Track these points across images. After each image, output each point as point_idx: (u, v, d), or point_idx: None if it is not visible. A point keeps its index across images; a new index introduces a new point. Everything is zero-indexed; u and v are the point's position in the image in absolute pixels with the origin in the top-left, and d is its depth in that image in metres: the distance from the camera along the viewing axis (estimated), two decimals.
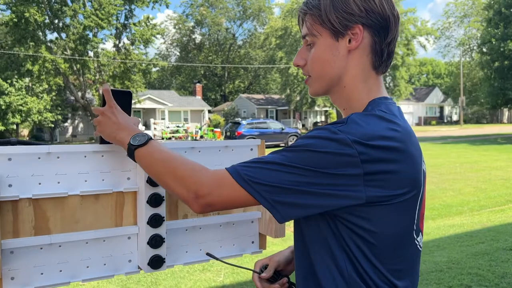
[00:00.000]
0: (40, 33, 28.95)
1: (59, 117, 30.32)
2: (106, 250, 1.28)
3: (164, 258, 1.29)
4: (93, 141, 28.65)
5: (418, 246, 1.09)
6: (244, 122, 25.93)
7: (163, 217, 1.28)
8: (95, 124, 1.22)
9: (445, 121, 56.88)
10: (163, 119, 36.57)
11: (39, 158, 1.16)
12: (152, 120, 30.87)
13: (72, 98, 32.21)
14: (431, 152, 18.10)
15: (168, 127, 30.01)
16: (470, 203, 8.65)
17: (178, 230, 1.39)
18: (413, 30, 40.25)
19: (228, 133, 25.69)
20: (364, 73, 1.09)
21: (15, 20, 26.83)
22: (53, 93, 29.52)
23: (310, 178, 0.95)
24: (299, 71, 36.72)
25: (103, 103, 1.22)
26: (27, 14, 26.48)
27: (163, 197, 1.28)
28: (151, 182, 1.25)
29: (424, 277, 4.49)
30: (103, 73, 30.26)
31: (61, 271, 1.21)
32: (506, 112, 55.77)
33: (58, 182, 1.19)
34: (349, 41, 1.06)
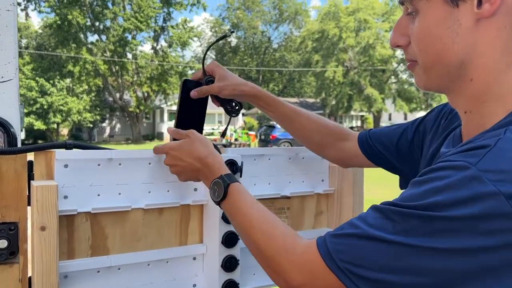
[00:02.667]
0: (82, 35, 29.66)
1: (98, 117, 30.94)
2: (169, 273, 1.09)
3: (238, 284, 1.10)
4: (130, 141, 29.13)
5: None
6: (278, 125, 25.62)
7: (238, 235, 1.08)
8: (166, 164, 1.03)
9: None
10: None
11: (99, 165, 0.99)
12: None
13: (111, 99, 32.84)
14: None
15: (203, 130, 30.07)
16: None
17: (247, 250, 1.19)
18: None
19: (263, 136, 25.52)
20: (507, 53, 0.70)
21: (59, 22, 27.61)
22: (93, 94, 30.16)
23: (449, 262, 0.59)
24: (335, 75, 36.28)
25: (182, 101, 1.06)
26: (70, 17, 27.19)
27: None
28: None
29: None
30: (140, 75, 30.73)
31: None
32: None
33: (119, 194, 1.01)
34: (479, 3, 0.68)
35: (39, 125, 26.44)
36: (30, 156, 0.94)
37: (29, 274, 0.92)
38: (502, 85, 0.70)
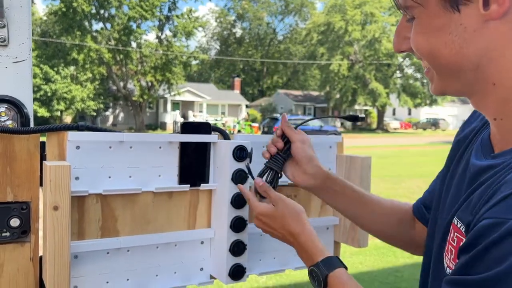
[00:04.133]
0: (87, 23, 29.59)
1: (101, 105, 30.98)
2: (177, 256, 1.10)
3: (245, 268, 1.11)
4: (132, 130, 29.16)
5: None
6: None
7: (246, 220, 1.09)
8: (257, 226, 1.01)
9: None
10: (201, 112, 36.78)
11: (110, 147, 0.99)
12: (190, 113, 31.11)
13: (114, 87, 32.84)
14: None
15: (206, 120, 30.13)
16: None
17: (253, 236, 1.20)
18: None
19: (266, 129, 25.53)
20: None
21: (64, 9, 27.54)
22: (96, 82, 30.16)
23: None
24: (340, 68, 36.12)
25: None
26: (75, 4, 27.11)
27: None
28: (235, 179, 1.06)
29: None
30: (145, 64, 30.69)
31: (128, 280, 1.04)
32: None
33: (130, 177, 1.02)
34: (485, 4, 0.61)
35: (42, 112, 26.50)
36: (43, 138, 0.95)
37: (40, 254, 0.93)
38: None
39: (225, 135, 1.14)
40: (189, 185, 1.09)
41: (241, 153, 1.07)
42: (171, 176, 1.08)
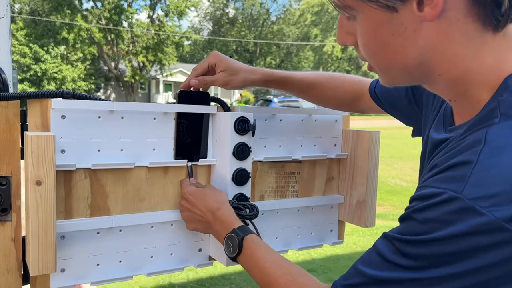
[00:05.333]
0: (77, 1, 28.97)
1: (92, 86, 30.55)
2: (174, 236, 1.02)
3: None
4: None
5: None
6: (275, 100, 25.52)
7: (249, 198, 1.01)
8: (180, 206, 1.01)
9: None
10: None
11: (99, 117, 0.90)
12: None
13: (106, 68, 32.37)
14: None
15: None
16: None
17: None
18: None
19: None
20: (469, 41, 0.61)
21: None
22: (87, 62, 29.67)
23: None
24: (334, 50, 35.91)
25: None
26: None
27: (249, 173, 1.01)
28: (237, 155, 0.98)
29: None
30: (136, 44, 30.24)
31: (120, 261, 0.96)
32: None
33: (122, 150, 0.93)
34: (419, 4, 0.60)
35: None
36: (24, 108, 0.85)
37: (23, 234, 0.84)
38: (476, 71, 0.63)
39: (225, 107, 1.05)
40: (186, 160, 1.00)
41: (243, 125, 0.98)
42: (166, 150, 0.99)
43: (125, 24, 30.37)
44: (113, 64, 31.39)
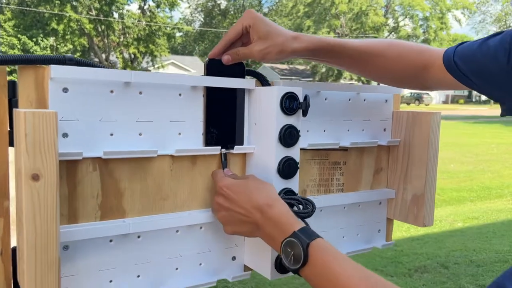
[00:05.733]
0: None
1: None
2: (203, 242, 0.83)
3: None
4: None
5: None
6: None
7: (296, 193, 0.82)
8: (216, 204, 0.78)
9: (474, 100, 55.29)
10: None
11: (112, 92, 0.70)
12: None
13: (96, 59, 31.86)
14: (464, 131, 17.33)
15: None
16: (511, 187, 8.11)
17: None
18: (448, 3, 38.53)
19: None
20: None
21: None
22: (78, 54, 29.16)
23: None
24: None
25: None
26: None
27: (298, 162, 0.81)
28: (284, 140, 0.78)
29: (488, 268, 4.02)
30: (127, 35, 29.78)
31: (139, 276, 0.76)
32: None
33: (140, 134, 0.73)
34: None
35: None
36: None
37: (13, 245, 0.64)
38: None
39: (263, 81, 0.85)
40: (220, 147, 0.80)
41: (291, 103, 0.78)
42: (194, 134, 0.79)
43: (115, 15, 29.90)
44: (104, 55, 30.92)
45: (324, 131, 0.96)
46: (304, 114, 0.79)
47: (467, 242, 4.61)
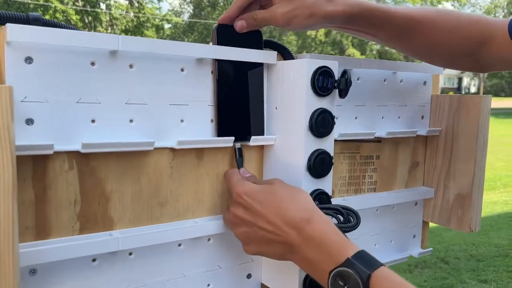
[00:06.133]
0: None
1: None
2: (212, 257, 0.66)
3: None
4: None
5: None
6: None
7: (330, 196, 0.65)
8: (232, 216, 0.60)
9: (463, 92, 55.73)
10: None
11: (92, 64, 0.52)
12: None
13: None
14: None
15: None
16: (503, 178, 8.08)
17: None
18: None
19: None
20: None
21: None
22: None
23: None
24: (317, 33, 35.59)
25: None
26: None
27: (332, 157, 0.64)
28: (316, 128, 0.61)
29: (488, 262, 3.92)
30: (115, 27, 29.31)
31: None
32: None
33: (131, 121, 0.55)
34: None
35: None
36: None
37: None
38: None
39: (285, 53, 0.68)
40: (233, 138, 0.63)
41: (325, 80, 0.61)
42: (201, 122, 0.61)
43: (103, 6, 29.38)
44: None
45: (356, 118, 0.79)
46: (343, 94, 0.62)
47: (465, 236, 4.51)
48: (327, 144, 0.63)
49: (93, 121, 0.52)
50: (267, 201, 0.55)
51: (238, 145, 0.63)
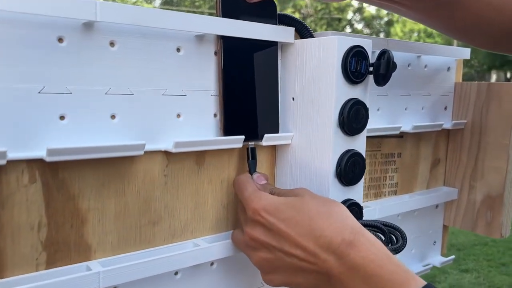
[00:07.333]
0: None
1: None
2: (216, 287, 0.53)
3: None
4: None
5: None
6: None
7: (362, 207, 0.53)
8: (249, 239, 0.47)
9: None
10: None
11: (60, 40, 0.38)
12: None
13: None
14: None
15: None
16: None
17: None
18: None
19: None
20: None
21: None
22: None
23: None
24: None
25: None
26: None
27: (365, 160, 0.52)
28: (348, 124, 0.49)
29: (468, 251, 3.93)
30: None
31: None
32: (493, 75, 55.68)
33: (113, 117, 0.42)
34: None
35: None
36: None
37: None
38: None
39: (303, 30, 0.55)
40: (243, 137, 0.49)
41: (359, 63, 0.49)
42: (202, 116, 0.48)
43: None
44: None
45: (378, 110, 0.67)
46: (381, 82, 0.49)
47: None
48: (359, 144, 0.51)
49: (62, 117, 0.39)
50: (295, 219, 0.42)
51: (251, 144, 0.50)
